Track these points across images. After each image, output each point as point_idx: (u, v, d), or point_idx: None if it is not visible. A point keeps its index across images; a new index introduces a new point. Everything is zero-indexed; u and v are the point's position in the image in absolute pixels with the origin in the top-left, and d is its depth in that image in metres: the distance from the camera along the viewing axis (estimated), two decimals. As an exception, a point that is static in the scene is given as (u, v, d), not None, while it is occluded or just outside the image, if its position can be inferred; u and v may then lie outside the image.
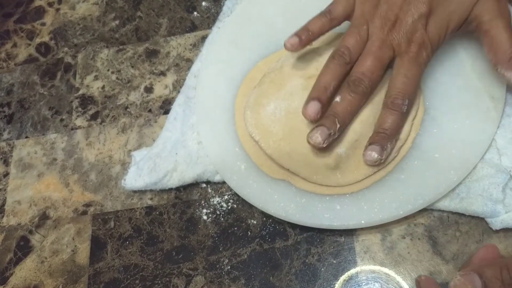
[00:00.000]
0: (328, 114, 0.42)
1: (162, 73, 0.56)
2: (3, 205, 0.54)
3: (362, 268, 0.43)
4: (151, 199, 0.50)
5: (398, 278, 0.41)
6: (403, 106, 0.41)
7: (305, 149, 0.45)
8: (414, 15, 0.40)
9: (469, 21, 0.41)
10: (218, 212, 0.48)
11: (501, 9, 0.39)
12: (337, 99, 0.42)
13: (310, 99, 0.42)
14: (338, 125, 0.41)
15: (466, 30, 0.42)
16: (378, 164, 0.42)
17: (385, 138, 0.41)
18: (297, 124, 0.45)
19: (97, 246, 0.49)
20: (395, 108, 0.41)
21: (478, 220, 0.42)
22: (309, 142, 0.42)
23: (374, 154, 0.41)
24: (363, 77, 0.42)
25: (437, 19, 0.40)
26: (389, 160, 0.43)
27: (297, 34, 0.45)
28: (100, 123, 0.55)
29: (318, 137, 0.41)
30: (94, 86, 0.57)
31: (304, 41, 0.45)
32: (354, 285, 0.42)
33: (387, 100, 0.42)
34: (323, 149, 0.43)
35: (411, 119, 0.43)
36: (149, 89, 0.55)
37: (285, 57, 0.49)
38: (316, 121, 0.42)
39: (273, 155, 0.46)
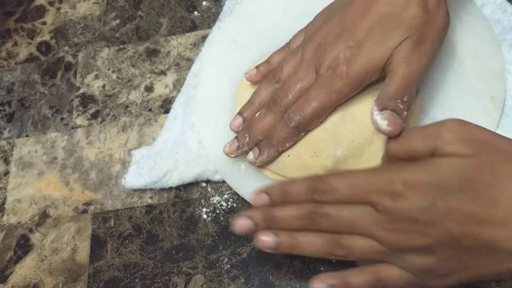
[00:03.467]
0: (243, 129, 0.46)
1: (163, 72, 0.56)
2: (3, 203, 0.54)
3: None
4: (151, 198, 0.50)
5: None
6: (292, 121, 0.43)
7: (299, 153, 0.44)
8: (340, 45, 0.41)
9: (388, 64, 0.40)
10: (218, 211, 0.48)
11: (411, 56, 0.39)
12: (256, 115, 0.46)
13: (237, 113, 0.47)
14: (247, 139, 0.45)
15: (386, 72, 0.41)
16: (253, 164, 0.45)
17: (267, 145, 0.44)
18: None
19: (97, 244, 0.50)
20: (285, 120, 0.43)
21: (477, 220, 0.42)
22: (223, 152, 0.45)
23: (250, 156, 0.45)
24: (281, 97, 0.44)
25: (360, 54, 0.41)
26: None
27: (257, 67, 0.48)
28: (101, 122, 0.55)
29: (227, 147, 0.45)
30: (94, 85, 0.57)
31: (262, 72, 0.48)
32: (353, 284, 0.42)
33: (285, 113, 0.44)
34: (321, 151, 0.44)
35: (410, 117, 0.43)
36: (149, 88, 0.55)
37: None
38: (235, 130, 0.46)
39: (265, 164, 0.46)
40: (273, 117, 0.44)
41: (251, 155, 0.45)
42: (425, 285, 0.35)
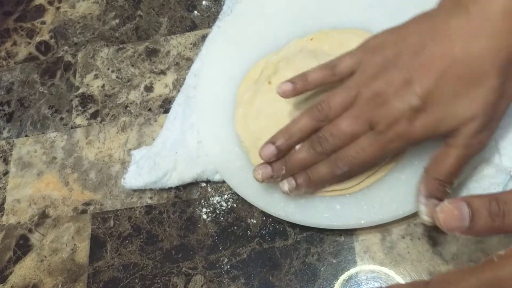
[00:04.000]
0: (281, 159, 0.42)
1: (162, 72, 0.56)
2: (3, 203, 0.54)
3: (362, 268, 0.43)
4: (150, 198, 0.50)
5: (398, 278, 0.41)
6: (339, 169, 0.41)
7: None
8: (404, 104, 0.37)
9: (452, 134, 0.38)
10: (217, 211, 0.48)
11: (475, 139, 0.37)
12: (297, 147, 0.42)
13: (269, 141, 0.42)
14: (283, 172, 0.42)
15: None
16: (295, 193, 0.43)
17: (306, 182, 0.42)
18: None
19: (96, 245, 0.49)
20: (332, 167, 0.41)
21: (478, 220, 0.42)
22: (253, 175, 0.42)
23: (285, 187, 0.42)
24: (329, 138, 0.40)
25: (426, 120, 0.37)
26: (389, 159, 0.43)
27: (292, 80, 0.43)
28: (100, 122, 0.55)
29: (260, 173, 0.42)
30: (94, 85, 0.57)
31: (298, 90, 0.43)
32: (353, 285, 0.42)
33: (333, 155, 0.41)
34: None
35: None
36: (149, 88, 0.55)
37: (282, 55, 0.49)
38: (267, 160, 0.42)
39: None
40: (315, 157, 0.41)
41: (286, 186, 0.42)
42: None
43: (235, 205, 0.48)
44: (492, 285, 0.28)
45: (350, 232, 0.44)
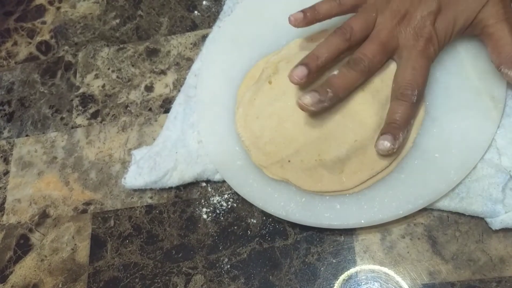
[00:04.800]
0: (323, 84, 0.43)
1: (163, 72, 0.56)
2: (3, 203, 0.54)
3: (362, 267, 0.43)
4: (151, 197, 0.50)
5: (398, 278, 0.42)
6: (413, 96, 0.41)
7: (303, 158, 0.44)
8: (423, 11, 0.42)
9: (475, 24, 0.42)
10: (218, 211, 0.48)
11: (506, 14, 0.41)
12: (335, 72, 0.43)
13: (299, 64, 0.43)
14: (330, 94, 0.42)
15: (472, 33, 0.43)
16: (391, 154, 0.42)
17: (396, 128, 0.41)
18: (289, 130, 0.45)
19: (97, 244, 0.49)
20: (405, 98, 0.41)
21: (478, 220, 0.42)
22: (298, 103, 0.42)
23: (386, 143, 0.40)
24: (364, 57, 0.43)
25: (445, 18, 0.42)
26: (390, 159, 0.43)
27: (303, 10, 0.45)
28: (101, 122, 0.55)
29: (308, 98, 0.41)
30: (94, 85, 0.57)
31: (308, 19, 0.45)
32: (353, 285, 0.42)
33: (397, 92, 0.42)
34: (324, 154, 0.43)
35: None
36: (149, 88, 0.55)
37: (283, 55, 0.49)
38: (299, 85, 0.44)
39: (262, 164, 0.46)
40: (356, 76, 0.43)
41: (387, 143, 0.41)
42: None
43: (235, 204, 0.48)
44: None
45: (350, 232, 0.44)
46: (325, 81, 0.43)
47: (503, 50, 0.40)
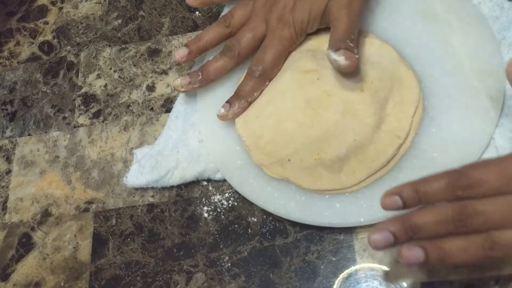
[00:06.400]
0: (196, 69, 0.49)
1: (164, 72, 0.56)
2: (6, 202, 0.55)
3: (361, 265, 0.43)
4: (152, 196, 0.50)
5: (397, 277, 0.42)
6: (257, 71, 0.47)
7: (302, 158, 0.45)
8: (285, 0, 0.47)
9: (326, 13, 0.46)
10: (218, 210, 0.48)
11: (348, 2, 0.44)
12: (210, 58, 0.49)
13: (184, 45, 0.50)
14: (200, 77, 0.49)
15: (326, 22, 0.46)
16: (224, 119, 0.48)
17: (236, 98, 0.48)
18: (289, 129, 0.46)
19: (98, 243, 0.50)
20: (250, 72, 0.48)
21: (476, 219, 0.42)
22: (173, 84, 0.50)
23: (221, 110, 0.47)
24: (235, 44, 0.48)
25: (301, 6, 0.46)
26: (389, 158, 0.43)
27: (187, 44, 0.50)
28: (103, 121, 0.56)
29: (178, 80, 0.49)
30: (96, 85, 0.58)
31: (193, 52, 0.50)
32: (353, 283, 0.42)
33: (248, 68, 0.48)
34: (323, 153, 0.44)
35: (411, 116, 0.44)
36: (151, 88, 0.56)
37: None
38: (181, 62, 0.52)
39: (263, 163, 0.46)
40: (226, 61, 0.49)
41: (222, 110, 0.47)
42: None
43: (236, 203, 0.48)
44: None
45: (349, 230, 0.44)
46: (200, 67, 0.49)
47: (333, 35, 0.44)
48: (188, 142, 0.50)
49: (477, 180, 0.33)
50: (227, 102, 0.48)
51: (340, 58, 0.42)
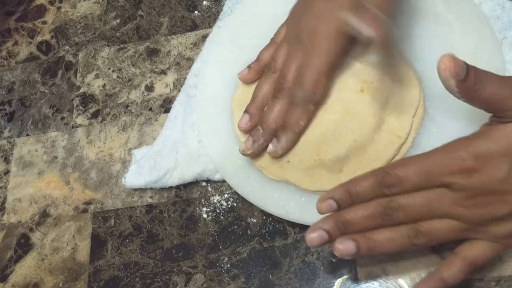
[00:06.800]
0: (257, 125, 0.45)
1: (163, 72, 0.56)
2: (4, 202, 0.54)
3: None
4: (151, 197, 0.50)
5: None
6: (297, 97, 0.43)
7: (302, 158, 0.44)
8: (315, 14, 0.44)
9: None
10: (218, 211, 0.48)
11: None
12: (265, 108, 0.45)
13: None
14: (261, 131, 0.44)
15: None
16: (276, 156, 0.45)
17: (282, 130, 0.44)
18: None
19: (97, 244, 0.50)
20: (292, 100, 0.44)
21: (477, 220, 0.42)
22: (240, 151, 0.45)
23: (270, 146, 0.44)
24: (282, 81, 0.44)
25: (333, 12, 0.43)
26: (389, 158, 0.43)
27: (248, 65, 0.49)
28: (101, 122, 0.55)
29: (242, 145, 0.45)
30: (95, 85, 0.58)
31: (253, 69, 0.48)
32: (353, 284, 0.42)
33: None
34: (323, 154, 0.44)
35: (411, 116, 0.43)
36: (149, 88, 0.56)
37: None
38: (245, 132, 0.46)
39: (262, 165, 0.46)
40: (282, 103, 0.44)
41: (270, 146, 0.44)
42: (509, 246, 0.37)
43: (235, 204, 0.48)
44: (434, 164, 0.35)
45: (349, 231, 0.44)
46: (259, 121, 0.45)
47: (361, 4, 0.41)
48: (187, 142, 0.50)
49: (400, 178, 0.36)
50: (267, 131, 0.44)
51: (357, 24, 0.39)
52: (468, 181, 0.34)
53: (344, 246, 0.36)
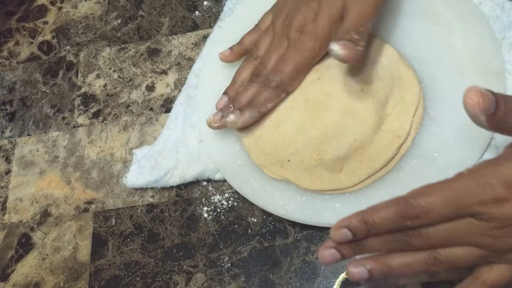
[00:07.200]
0: (225, 100, 0.48)
1: (164, 72, 0.56)
2: (5, 202, 0.54)
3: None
4: (152, 196, 0.50)
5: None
6: (273, 82, 0.45)
7: (302, 158, 0.45)
8: (304, 11, 0.45)
9: (342, 9, 0.44)
10: (218, 210, 0.48)
11: None
12: (239, 89, 0.48)
13: (222, 94, 0.48)
14: (231, 108, 0.46)
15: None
16: (234, 127, 0.47)
17: (249, 106, 0.46)
18: (288, 130, 0.46)
19: (98, 243, 0.50)
20: (267, 83, 0.46)
21: (477, 219, 0.42)
22: (206, 123, 0.47)
23: (231, 116, 0.46)
24: (262, 68, 0.46)
25: (321, 12, 0.44)
26: (389, 158, 0.43)
27: (230, 47, 0.50)
28: (102, 121, 0.55)
29: (210, 117, 0.47)
30: (96, 85, 0.58)
31: (235, 52, 0.50)
32: (353, 283, 0.42)
33: (265, 77, 0.46)
34: (323, 153, 0.44)
35: (411, 116, 0.44)
36: (150, 88, 0.56)
37: None
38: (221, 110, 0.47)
39: (263, 164, 0.46)
40: (256, 87, 0.46)
41: (232, 116, 0.46)
42: None
43: (235, 203, 0.48)
44: (461, 193, 0.31)
45: (350, 231, 0.44)
46: (228, 98, 0.48)
47: (340, 27, 0.43)
48: (188, 142, 0.50)
49: (424, 209, 0.33)
50: (237, 109, 0.46)
51: (336, 48, 0.40)
52: (498, 211, 0.31)
53: (358, 271, 0.35)
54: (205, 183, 0.49)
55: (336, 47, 0.40)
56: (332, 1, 0.44)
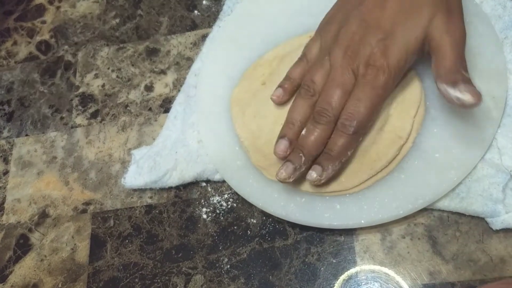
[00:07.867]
0: (295, 149, 0.42)
1: (163, 72, 0.56)
2: (3, 203, 0.54)
3: (362, 267, 0.43)
4: (150, 197, 0.50)
5: (398, 278, 0.41)
6: (351, 128, 0.41)
7: None
8: (371, 41, 0.41)
9: (426, 41, 0.40)
10: (218, 211, 0.48)
11: (449, 27, 0.39)
12: (303, 132, 0.42)
13: (279, 137, 0.43)
14: (303, 158, 0.41)
15: (425, 51, 0.41)
16: (318, 184, 0.42)
17: (328, 159, 0.41)
18: None
19: (96, 244, 0.49)
20: (343, 129, 0.41)
21: (478, 220, 0.42)
22: (278, 179, 0.42)
23: (313, 174, 0.41)
24: (327, 107, 0.41)
25: (394, 43, 0.40)
26: (390, 159, 0.43)
27: (281, 84, 0.46)
28: (100, 122, 0.55)
29: (283, 172, 0.41)
30: (94, 84, 0.57)
31: (288, 89, 0.46)
32: (353, 285, 0.42)
33: (338, 123, 0.42)
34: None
35: (412, 116, 0.43)
36: (149, 88, 0.55)
37: (277, 52, 0.49)
38: (281, 158, 0.43)
39: (262, 166, 0.46)
40: (324, 129, 0.42)
41: (313, 174, 0.41)
42: None
43: (235, 204, 0.48)
44: None
45: (350, 232, 0.44)
46: (296, 145, 0.43)
47: (441, 64, 0.39)
48: (187, 142, 0.50)
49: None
50: (317, 164, 0.42)
51: (466, 97, 0.36)
52: None
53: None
54: (204, 184, 0.49)
55: (466, 96, 0.36)
56: (409, 29, 0.40)
